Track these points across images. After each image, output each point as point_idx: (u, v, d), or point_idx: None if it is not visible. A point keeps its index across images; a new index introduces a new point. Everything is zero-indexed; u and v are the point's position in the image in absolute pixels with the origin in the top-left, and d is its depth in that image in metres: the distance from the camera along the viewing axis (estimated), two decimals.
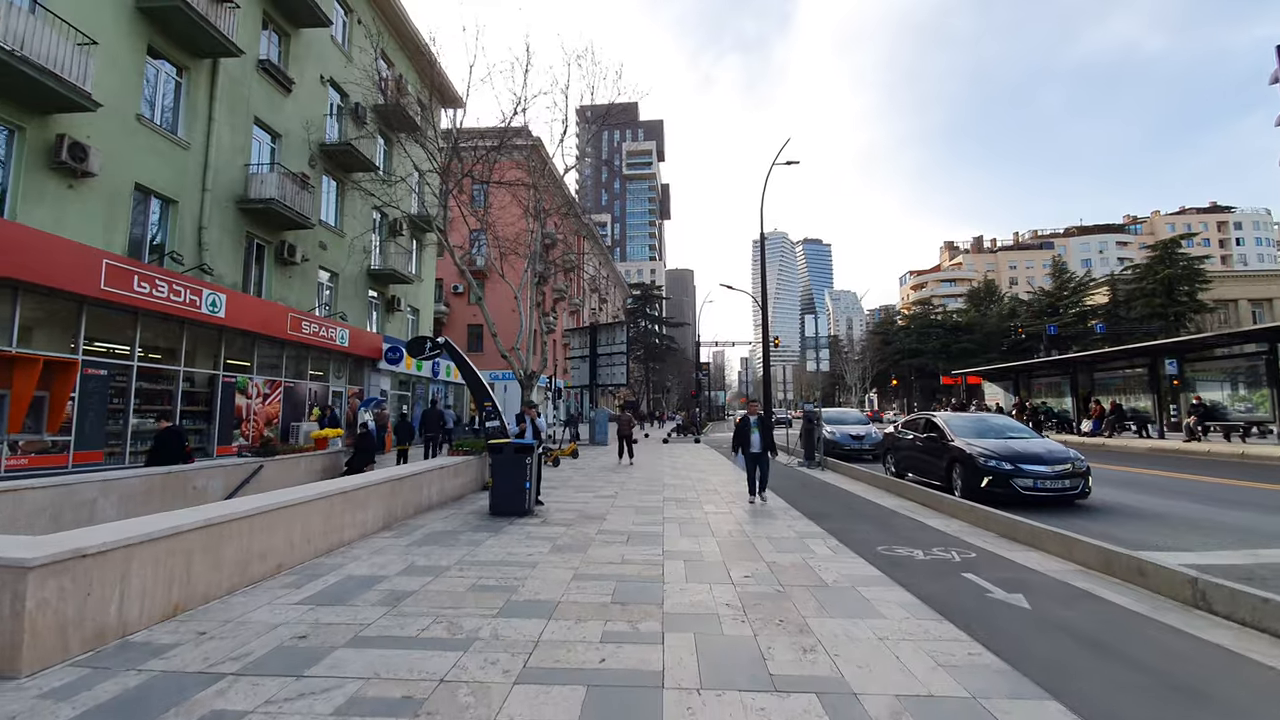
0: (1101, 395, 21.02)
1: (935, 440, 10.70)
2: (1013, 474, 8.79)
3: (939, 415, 11.63)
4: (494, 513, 8.24)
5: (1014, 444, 9.48)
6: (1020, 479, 8.74)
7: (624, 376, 26.02)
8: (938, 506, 8.78)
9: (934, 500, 8.97)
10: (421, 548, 6.37)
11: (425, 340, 11.93)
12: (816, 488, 11.59)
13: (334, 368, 19.37)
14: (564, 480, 12.65)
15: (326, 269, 19.96)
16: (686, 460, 17.98)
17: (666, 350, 78.92)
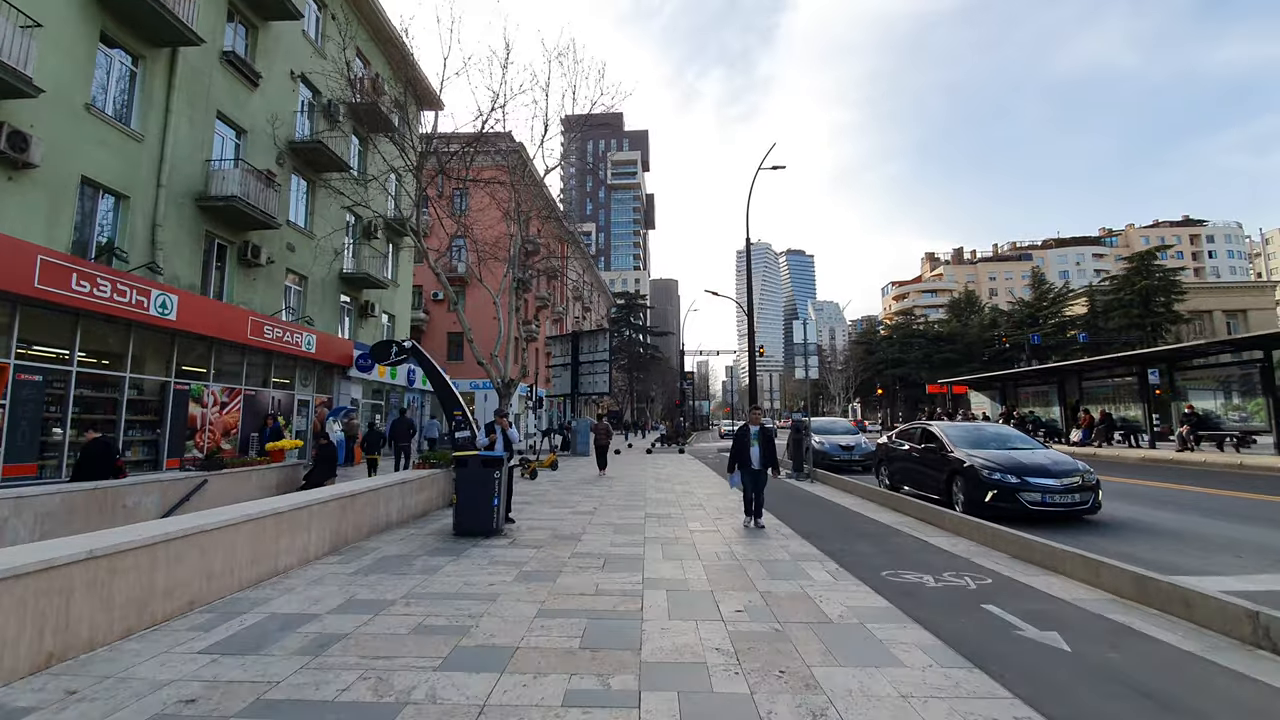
0: (1090, 404, 20.73)
1: (933, 451, 10.12)
2: (1019, 488, 8.22)
3: (936, 425, 11.07)
4: (458, 533, 7.46)
5: (1018, 455, 8.92)
6: (1027, 493, 8.16)
7: (606, 385, 25.30)
8: (939, 523, 8.17)
9: (934, 516, 8.36)
10: (368, 577, 5.59)
11: (391, 345, 11.13)
12: (808, 502, 10.94)
13: (300, 375, 18.41)
14: (540, 494, 11.88)
15: (294, 272, 19.04)
16: (670, 471, 17.29)
17: (651, 359, 78.31)
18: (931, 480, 10.09)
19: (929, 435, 10.60)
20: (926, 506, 8.73)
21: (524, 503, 10.48)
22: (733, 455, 8.41)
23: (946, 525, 7.94)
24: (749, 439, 8.24)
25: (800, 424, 15.25)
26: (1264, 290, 73.80)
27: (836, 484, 13.05)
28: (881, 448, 12.89)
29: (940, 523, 8.15)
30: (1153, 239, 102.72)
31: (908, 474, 11.17)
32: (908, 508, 9.27)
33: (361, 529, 7.26)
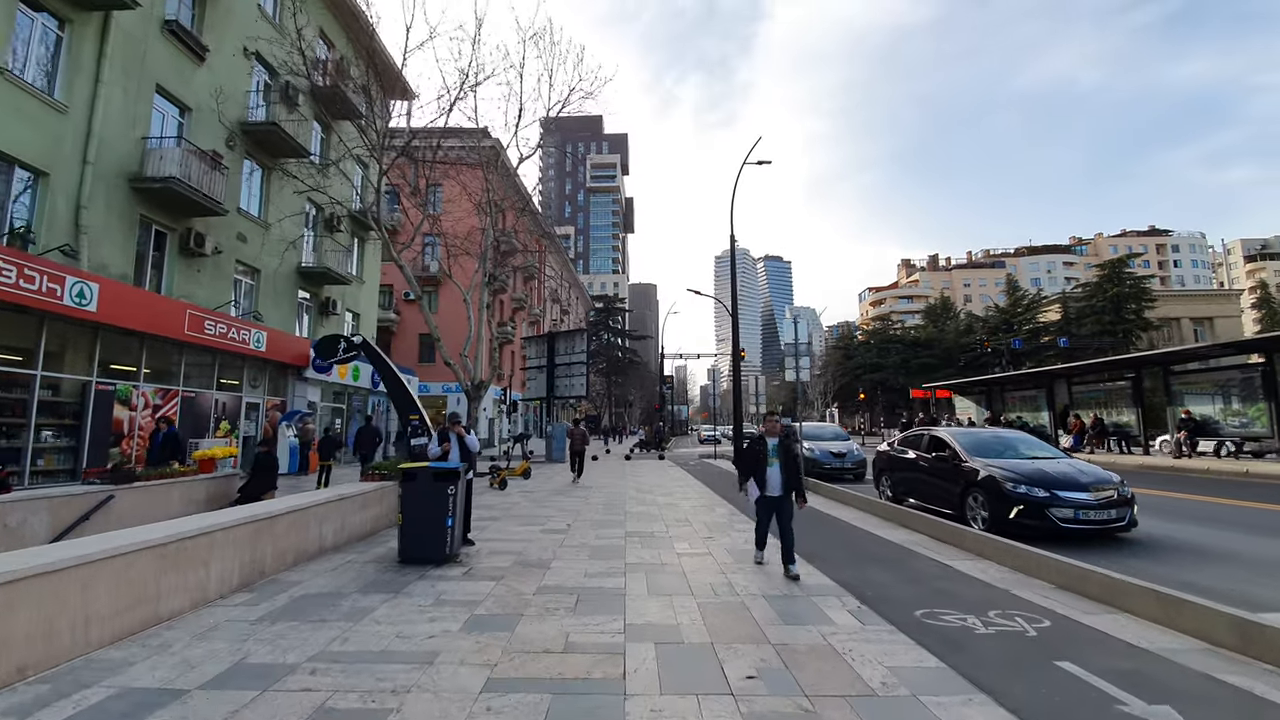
0: (1080, 409, 20.23)
1: (944, 461, 9.19)
2: (1048, 502, 7.31)
3: (945, 431, 10.17)
4: (404, 560, 6.28)
5: (1043, 466, 8.03)
6: (1058, 509, 7.26)
7: (584, 388, 24.15)
8: (958, 543, 7.22)
9: (951, 534, 7.42)
10: (275, 625, 4.40)
11: (338, 340, 9.89)
12: (805, 515, 9.94)
13: (250, 376, 16.94)
14: (508, 508, 10.70)
15: (246, 264, 17.58)
16: (651, 480, 16.21)
17: (629, 364, 77.31)
18: (942, 493, 9.17)
19: (938, 443, 9.68)
20: (940, 523, 7.79)
21: (489, 519, 9.31)
22: (742, 472, 6.62)
23: (968, 546, 6.99)
24: (765, 454, 6.26)
25: (789, 429, 14.30)
26: (1229, 298, 75.63)
27: (831, 495, 12.10)
28: (882, 456, 11.97)
29: (959, 542, 7.20)
30: (1121, 248, 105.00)
31: (914, 485, 10.25)
32: (918, 524, 8.32)
33: (285, 557, 6.04)
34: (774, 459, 6.24)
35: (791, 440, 6.56)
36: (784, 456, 6.26)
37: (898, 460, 10.98)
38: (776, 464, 6.23)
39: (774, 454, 6.25)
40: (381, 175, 15.22)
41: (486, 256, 17.65)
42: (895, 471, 11.14)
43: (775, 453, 6.26)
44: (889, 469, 11.37)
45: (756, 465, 6.32)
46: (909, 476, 10.44)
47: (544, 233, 20.75)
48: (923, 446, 10.22)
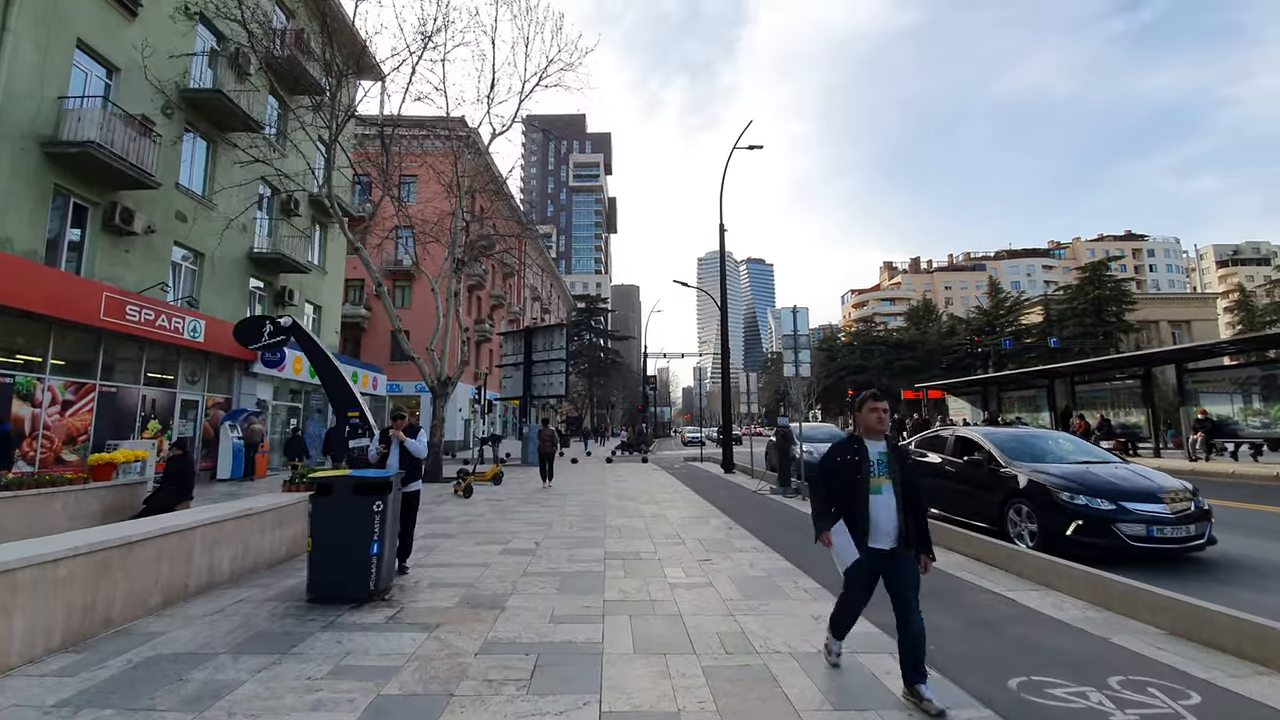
0: (1085, 410, 19.28)
1: (977, 466, 7.92)
2: (1115, 516, 6.06)
3: (975, 431, 8.90)
4: (314, 597, 4.81)
5: (1099, 472, 6.79)
6: (1127, 524, 6.01)
7: (563, 387, 22.68)
8: (1007, 565, 5.94)
9: (1001, 556, 6.13)
10: (78, 717, 2.93)
11: (263, 322, 8.37)
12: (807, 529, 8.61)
13: (187, 370, 15.20)
14: (469, 520, 9.23)
15: (186, 246, 15.86)
16: (635, 485, 14.81)
17: (612, 364, 75.80)
18: (974, 503, 7.91)
19: (967, 444, 8.41)
20: (987, 543, 6.48)
21: (441, 536, 7.83)
22: (825, 512, 3.56)
23: (1025, 572, 5.70)
24: (865, 472, 3.42)
25: (787, 430, 13.02)
26: (1206, 302, 76.61)
27: None
28: None
29: (1009, 565, 5.92)
30: (1099, 252, 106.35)
31: (936, 494, 8.97)
32: (954, 542, 7.02)
33: (149, 598, 4.52)
34: (882, 479, 3.40)
35: (904, 452, 3.70)
36: (900, 477, 3.43)
37: (917, 466, 9.71)
38: (888, 489, 3.40)
39: (882, 469, 3.42)
40: (333, 141, 13.65)
41: (456, 241, 16.13)
42: None
43: (884, 467, 3.43)
44: None
45: (850, 494, 3.44)
46: (930, 484, 9.15)
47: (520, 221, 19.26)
48: (947, 449, 8.94)
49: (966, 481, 8.12)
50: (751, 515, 9.72)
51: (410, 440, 5.97)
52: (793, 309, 12.48)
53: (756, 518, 9.46)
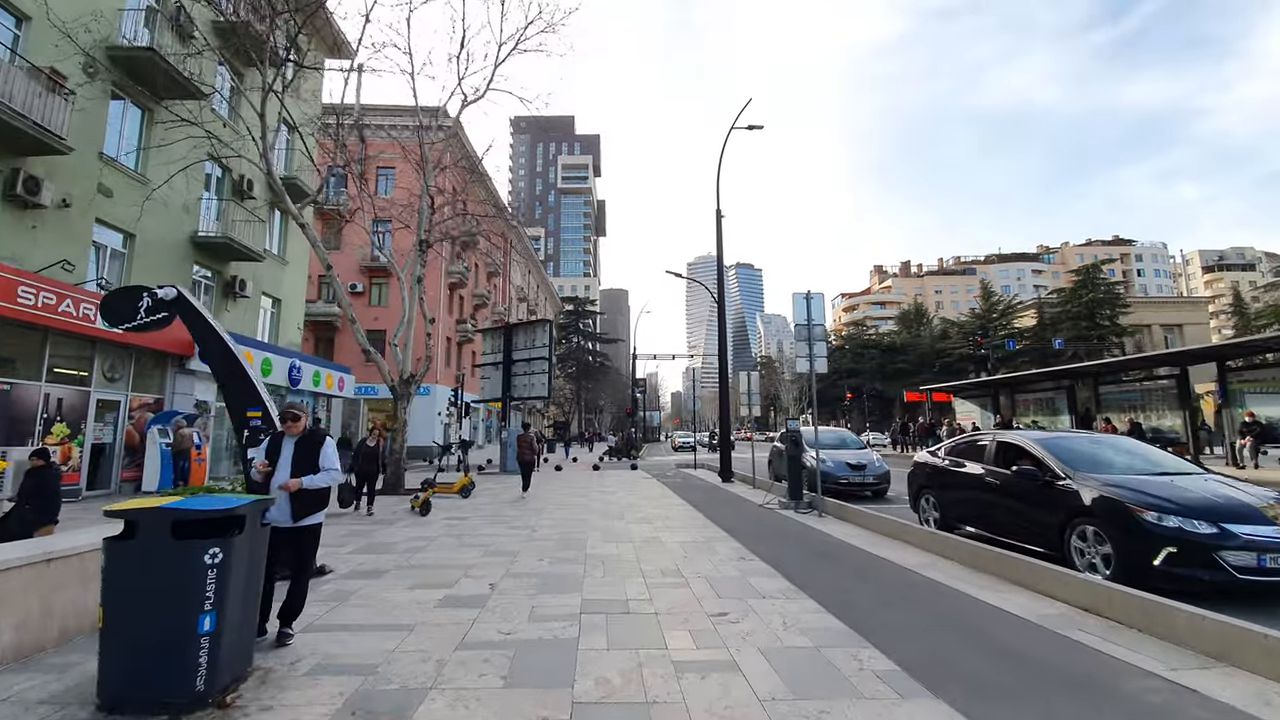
0: (1111, 413, 17.79)
1: (1028, 479, 6.44)
2: (1218, 542, 4.57)
3: (1026, 435, 7.33)
4: (108, 704, 3.00)
5: (1188, 485, 5.44)
6: (1234, 552, 4.59)
7: (545, 388, 20.84)
8: (1144, 624, 4.23)
9: (1120, 605, 4.42)
10: None
11: (140, 294, 6.49)
12: (835, 556, 6.90)
13: (105, 365, 13.21)
14: (414, 550, 7.38)
15: (112, 225, 13.93)
16: (623, 497, 13.01)
17: (600, 368, 74.04)
18: (1027, 523, 6.54)
19: (1013, 452, 6.96)
20: (1091, 585, 4.78)
21: (367, 574, 6.00)
22: None
23: (1184, 636, 3.98)
24: None
25: (797, 436, 11.30)
26: (1197, 306, 76.43)
27: (859, 520, 9.08)
28: (923, 469, 9.05)
29: (1155, 626, 4.20)
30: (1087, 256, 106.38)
31: (976, 509, 7.44)
32: (1017, 572, 5.35)
33: None
34: None
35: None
36: None
37: (949, 476, 8.13)
38: None
39: None
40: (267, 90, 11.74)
41: (424, 218, 14.27)
42: (945, 490, 8.28)
43: None
44: (934, 486, 8.53)
45: None
46: (969, 498, 7.62)
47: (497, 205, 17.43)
48: (988, 457, 7.41)
49: (1015, 497, 6.72)
50: (766, 539, 7.97)
51: (325, 448, 4.14)
52: (805, 295, 10.78)
53: (773, 542, 7.71)
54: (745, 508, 11.27)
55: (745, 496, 13.07)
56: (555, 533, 8.48)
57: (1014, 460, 6.96)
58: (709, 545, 7.53)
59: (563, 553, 7.03)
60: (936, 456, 8.91)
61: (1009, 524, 6.86)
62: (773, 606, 4.84)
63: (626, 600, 5.04)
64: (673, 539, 7.99)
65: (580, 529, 8.80)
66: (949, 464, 8.39)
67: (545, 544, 7.60)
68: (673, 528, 8.98)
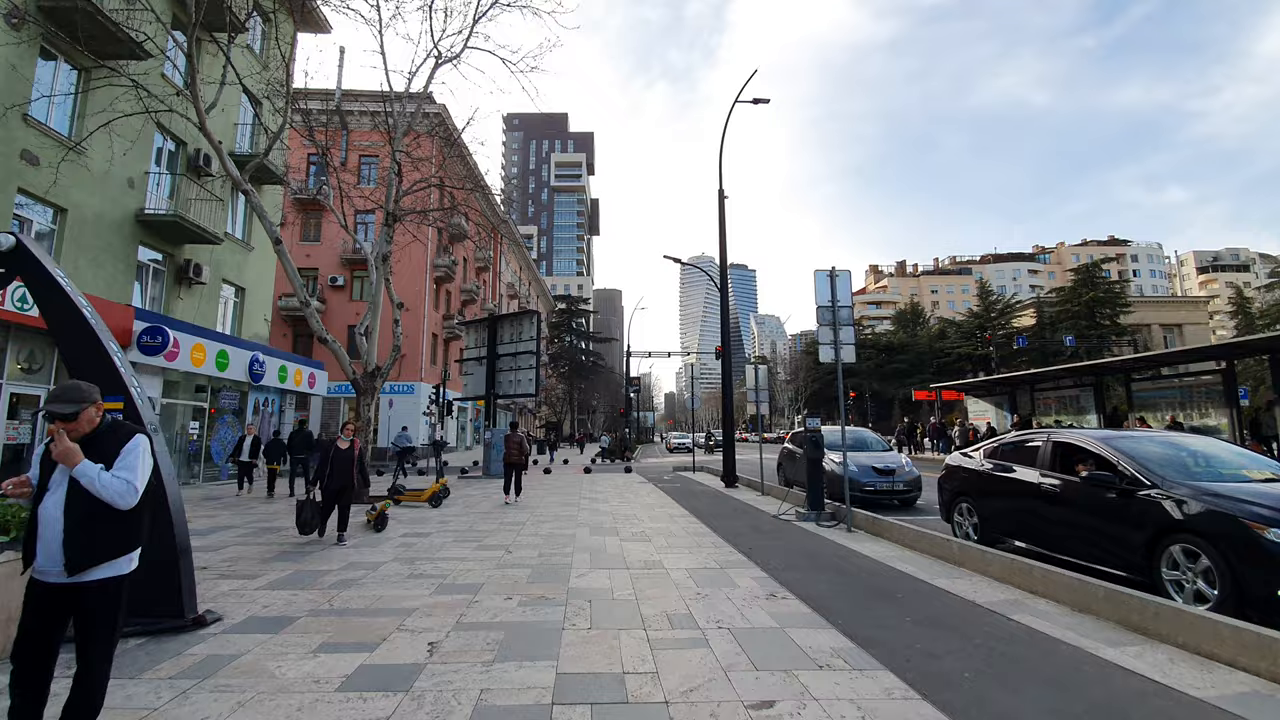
0: (1145, 411, 16.40)
1: (1101, 487, 5.45)
2: None
3: (1089, 435, 6.24)
4: None
5: None
6: None
7: (533, 384, 19.25)
8: (1222, 655, 2.75)
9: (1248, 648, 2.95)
10: None
11: None
12: (898, 596, 5.37)
13: (18, 354, 11.50)
14: (349, 581, 5.79)
15: (39, 197, 12.26)
16: (617, 505, 11.45)
17: (593, 367, 72.40)
18: (1098, 538, 5.54)
19: (1078, 454, 5.97)
20: (1220, 625, 3.32)
21: (271, 621, 4.41)
22: None
23: None
24: None
25: (817, 437, 9.78)
26: (1197, 305, 75.80)
27: (901, 537, 7.56)
28: (958, 474, 7.82)
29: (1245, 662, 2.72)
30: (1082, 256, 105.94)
31: (1027, 521, 6.39)
32: (1149, 619, 3.84)
33: None
34: None
35: None
36: None
37: (992, 481, 6.99)
38: None
39: None
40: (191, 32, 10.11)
41: (391, 189, 12.66)
42: (987, 498, 7.10)
43: None
44: (972, 493, 7.36)
45: None
46: (1016, 507, 6.55)
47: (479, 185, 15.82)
48: (1042, 460, 6.42)
49: (1081, 507, 5.73)
50: (795, 564, 6.43)
51: (89, 470, 2.53)
52: (829, 271, 9.26)
53: (804, 570, 6.17)
54: (758, 520, 9.74)
55: (755, 505, 11.55)
56: (534, 554, 6.90)
57: (1073, 463, 6.00)
58: (725, 574, 5.98)
59: (539, 586, 5.46)
60: (974, 459, 7.68)
61: (1072, 540, 5.82)
62: (836, 686, 3.29)
63: (622, 674, 3.48)
64: (678, 564, 6.43)
65: (565, 549, 7.23)
66: (991, 468, 7.17)
67: (519, 572, 6.02)
68: (676, 547, 7.42)
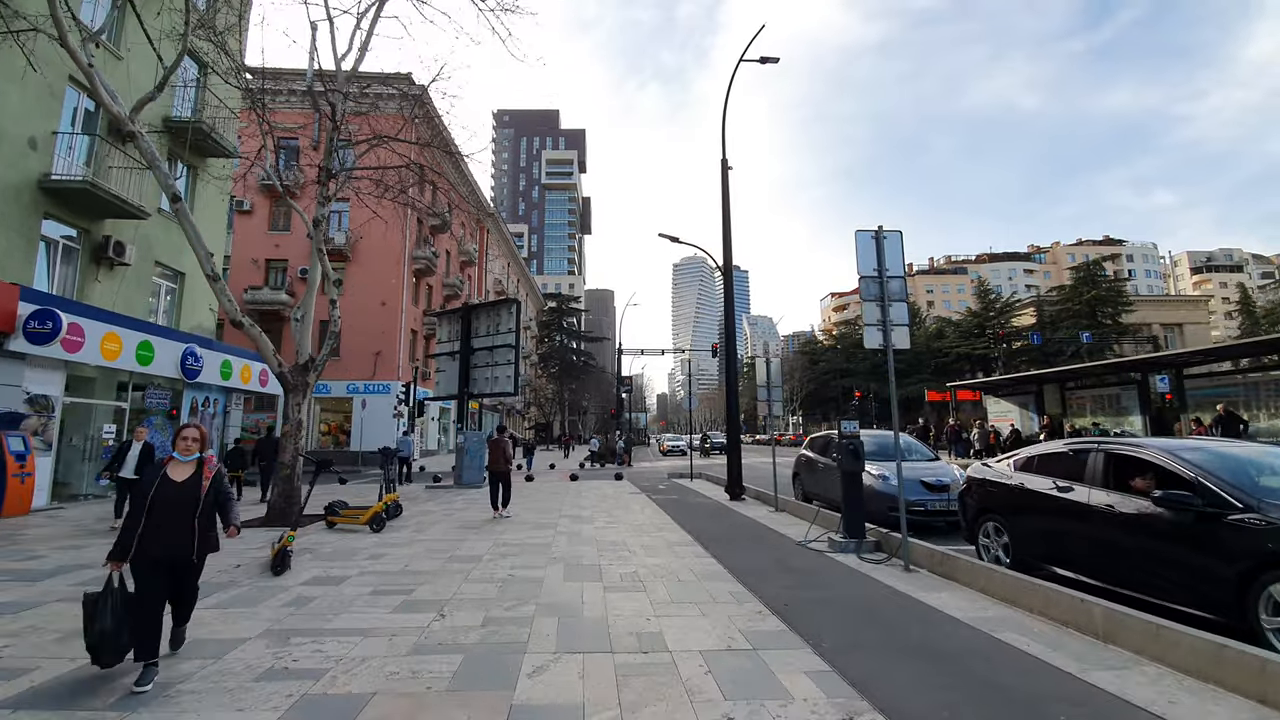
0: (1203, 412, 14.50)
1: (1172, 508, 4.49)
2: None
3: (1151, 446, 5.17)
4: None
5: None
6: None
7: (512, 382, 17.07)
8: None
9: None
10: None
11: None
12: (1023, 691, 3.29)
13: None
14: (193, 666, 3.67)
15: None
16: (601, 528, 9.29)
17: (584, 367, 70.22)
18: (1173, 571, 4.52)
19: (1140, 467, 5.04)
20: None
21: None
22: None
23: None
24: None
25: (856, 445, 7.68)
26: (1197, 305, 74.86)
27: (981, 582, 5.49)
28: (980, 486, 6.67)
29: None
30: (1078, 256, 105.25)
31: (1075, 547, 5.42)
32: None
33: None
34: None
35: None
36: None
37: (1027, 498, 5.99)
38: None
39: None
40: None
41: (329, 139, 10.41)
42: (1021, 516, 6.12)
43: None
44: (1002, 511, 6.35)
45: None
46: (1060, 529, 5.54)
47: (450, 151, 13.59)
48: (1093, 475, 5.38)
49: (1149, 532, 4.73)
50: (861, 638, 4.35)
51: None
52: (874, 233, 7.19)
53: (880, 651, 4.09)
54: (781, 549, 7.64)
55: (771, 526, 9.44)
56: (477, 620, 4.75)
57: (1130, 478, 5.07)
58: (761, 664, 3.87)
59: (462, 708, 3.32)
60: (1001, 471, 6.41)
61: (1135, 571, 4.83)
62: None
63: None
64: (688, 641, 4.30)
65: (524, 608, 5.08)
66: (1025, 482, 5.91)
67: (440, 665, 3.86)
68: (682, 601, 5.30)
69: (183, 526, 3.75)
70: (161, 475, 3.83)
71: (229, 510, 4.11)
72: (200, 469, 3.93)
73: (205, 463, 3.96)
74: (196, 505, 3.81)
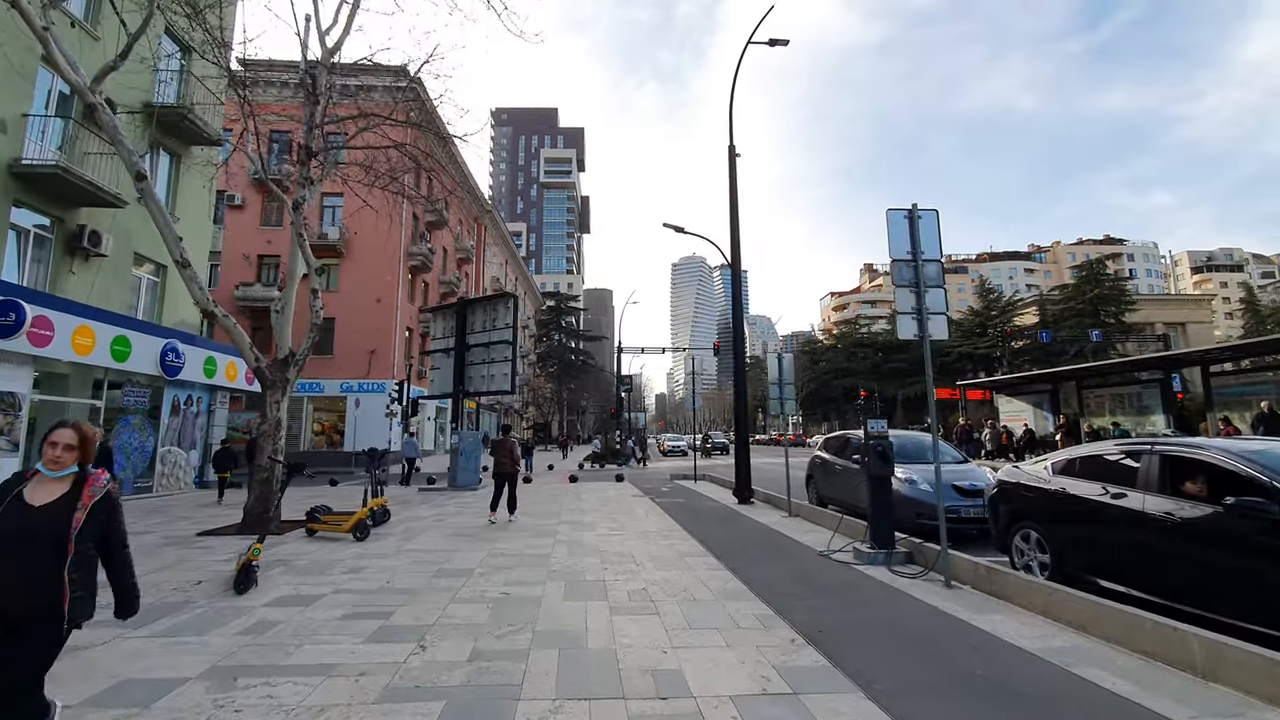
0: (1232, 411, 13.86)
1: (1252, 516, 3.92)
2: None
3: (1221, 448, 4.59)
4: None
5: None
6: None
7: (509, 380, 16.36)
8: None
9: None
10: None
11: None
12: None
13: None
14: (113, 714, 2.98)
15: None
16: (604, 534, 8.59)
17: (583, 367, 69.49)
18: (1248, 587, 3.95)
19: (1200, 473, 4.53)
20: None
21: None
22: None
23: None
24: None
25: (885, 447, 6.98)
26: (1200, 304, 74.38)
27: (1039, 603, 4.82)
28: (1013, 491, 6.08)
29: None
30: (1078, 255, 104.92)
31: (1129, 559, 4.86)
32: None
33: None
34: None
35: None
36: None
37: (1070, 504, 5.41)
38: None
39: None
40: None
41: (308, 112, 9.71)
42: (1063, 524, 5.53)
43: None
44: (1039, 518, 5.76)
45: None
46: (1111, 539, 5.00)
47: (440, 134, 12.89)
48: (1147, 479, 4.83)
49: (1217, 545, 4.20)
50: (913, 673, 3.68)
51: None
52: (907, 212, 6.52)
53: (939, 692, 3.42)
54: (802, 560, 6.95)
55: (787, 533, 8.75)
56: (463, 653, 4.06)
57: (1188, 481, 4.56)
58: (808, 714, 3.18)
59: None
60: (1036, 473, 5.86)
61: (1202, 587, 4.31)
62: None
63: None
64: (711, 680, 3.61)
65: (518, 638, 4.39)
66: (1067, 488, 5.41)
67: (414, 718, 3.19)
68: (699, 625, 4.62)
69: (31, 574, 2.35)
70: (13, 496, 2.44)
71: (120, 564, 2.63)
72: (77, 490, 2.50)
73: (87, 482, 2.53)
74: (60, 545, 2.39)
